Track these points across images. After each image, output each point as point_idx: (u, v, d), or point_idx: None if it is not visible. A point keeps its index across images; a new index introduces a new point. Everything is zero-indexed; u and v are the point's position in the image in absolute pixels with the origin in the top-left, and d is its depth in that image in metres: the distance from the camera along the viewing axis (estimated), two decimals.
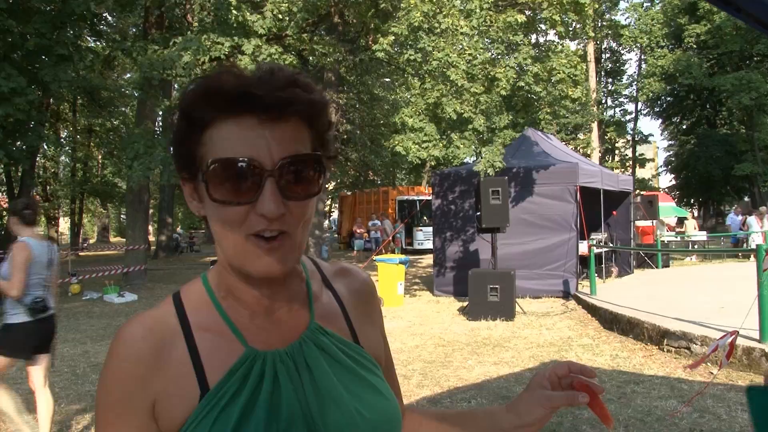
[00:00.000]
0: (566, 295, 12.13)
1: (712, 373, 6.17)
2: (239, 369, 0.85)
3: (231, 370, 0.85)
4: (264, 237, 0.80)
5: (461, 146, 12.71)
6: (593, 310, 10.04)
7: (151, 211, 27.49)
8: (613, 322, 8.88)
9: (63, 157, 36.95)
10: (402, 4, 12.80)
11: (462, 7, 12.56)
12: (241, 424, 0.81)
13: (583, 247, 12.54)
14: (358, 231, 24.48)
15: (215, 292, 0.92)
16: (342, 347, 0.94)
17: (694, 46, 37.94)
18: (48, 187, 34.99)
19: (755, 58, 36.77)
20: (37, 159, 27.57)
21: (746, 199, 39.19)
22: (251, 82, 0.80)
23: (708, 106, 41.18)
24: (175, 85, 18.94)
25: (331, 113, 0.90)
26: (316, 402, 0.86)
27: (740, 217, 22.30)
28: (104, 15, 20.42)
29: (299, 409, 0.85)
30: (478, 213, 11.06)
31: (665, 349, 7.25)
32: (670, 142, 47.02)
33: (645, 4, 41.87)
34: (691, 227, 22.74)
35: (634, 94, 42.55)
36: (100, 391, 0.86)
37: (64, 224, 44.92)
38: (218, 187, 0.81)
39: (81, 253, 29.25)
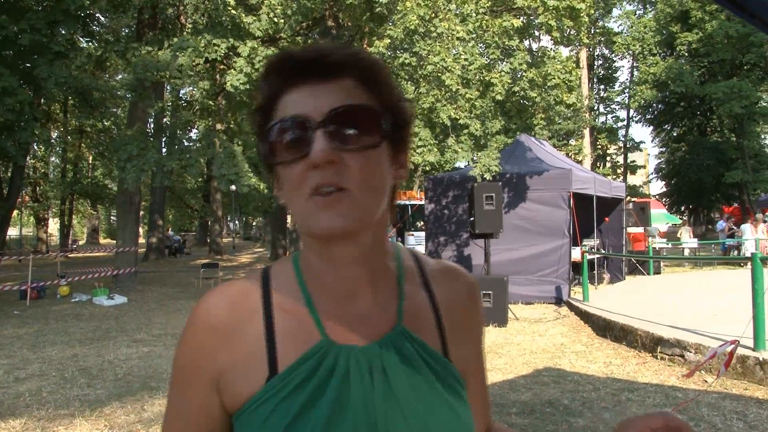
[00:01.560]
0: (559, 301, 12.12)
1: (706, 381, 6.15)
2: (311, 358, 0.83)
3: (303, 356, 0.83)
4: (322, 194, 0.78)
5: (460, 150, 12.70)
6: (586, 317, 10.02)
7: (141, 212, 27.36)
8: (606, 328, 8.86)
9: (53, 158, 36.74)
10: (398, 8, 12.79)
11: (458, 11, 12.56)
12: (302, 414, 0.80)
13: (576, 254, 12.54)
14: None
15: (303, 273, 0.91)
16: (426, 357, 0.89)
17: (686, 54, 38.19)
18: (38, 188, 34.80)
19: (745, 67, 37.04)
20: (28, 159, 27.41)
21: (736, 206, 39.43)
22: (298, 51, 0.83)
23: (699, 114, 41.44)
24: (168, 87, 18.84)
25: (390, 75, 0.88)
26: (385, 410, 0.82)
27: (726, 224, 22.51)
28: (97, 15, 20.30)
29: (364, 413, 0.81)
30: (472, 218, 11.04)
31: (659, 357, 7.23)
32: (661, 149, 47.25)
33: (638, 12, 42.19)
34: (686, 234, 22.86)
35: (626, 101, 42.77)
36: (175, 354, 0.89)
37: (54, 225, 44.63)
38: (274, 151, 0.82)
39: (70, 255, 29.04)
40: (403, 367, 0.86)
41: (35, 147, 26.40)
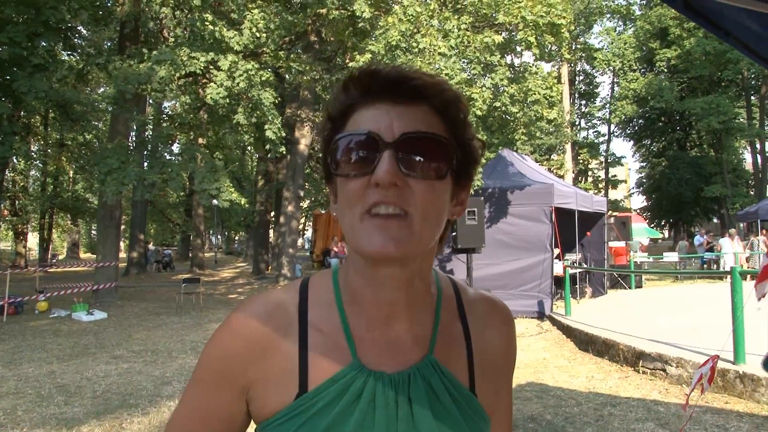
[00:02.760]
0: (541, 315, 12.13)
1: (687, 394, 6.16)
2: (340, 380, 0.84)
3: (333, 378, 0.84)
4: (380, 214, 0.77)
5: None
6: (568, 331, 10.04)
7: (122, 227, 27.11)
8: (588, 343, 8.88)
9: (33, 171, 36.33)
10: (380, 23, 12.85)
11: (440, 27, 12.63)
12: None
13: (558, 268, 12.58)
14: (335, 249, 24.38)
15: (342, 292, 0.91)
16: (452, 391, 0.89)
17: (665, 70, 38.75)
18: (17, 201, 34.35)
19: (723, 83, 37.66)
20: (6, 172, 27.09)
21: (715, 220, 39.90)
22: (383, 69, 0.82)
23: (678, 129, 41.98)
24: (150, 100, 18.76)
25: (467, 110, 0.87)
26: None
27: (704, 239, 22.80)
28: (78, 28, 20.20)
29: None
30: (454, 233, 11.04)
31: (641, 371, 7.25)
32: (641, 164, 47.79)
33: (618, 29, 42.75)
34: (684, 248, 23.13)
35: (607, 116, 43.22)
36: (205, 353, 0.89)
37: (33, 239, 44.08)
38: (338, 163, 0.81)
39: (50, 270, 28.65)
40: (427, 399, 0.86)
41: (15, 160, 26.12)
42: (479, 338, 0.95)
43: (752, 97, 37.96)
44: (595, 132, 46.24)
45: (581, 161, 43.40)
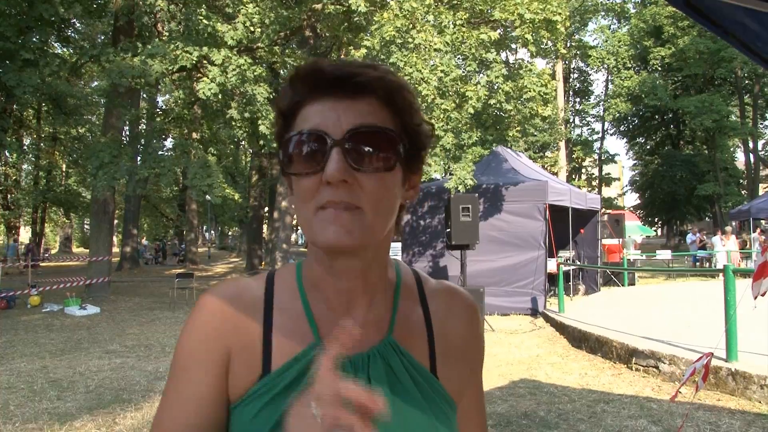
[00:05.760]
0: (534, 312, 12.16)
1: (680, 392, 6.19)
2: (303, 358, 0.86)
3: (296, 357, 0.86)
4: (333, 208, 0.79)
5: (432, 163, 12.73)
6: (562, 328, 10.06)
7: (116, 221, 27.00)
8: (581, 340, 8.91)
9: (25, 165, 36.17)
10: (375, 18, 12.82)
11: (435, 23, 12.61)
12: (286, 416, 0.80)
13: (552, 265, 12.60)
14: None
15: (304, 280, 0.93)
16: (413, 372, 0.90)
17: (659, 68, 38.83)
18: (9, 195, 34.18)
19: (716, 82, 37.78)
20: None
21: (707, 219, 40.05)
22: (327, 67, 0.82)
23: (672, 127, 42.09)
24: (144, 95, 18.67)
25: (415, 98, 0.88)
26: None
27: (696, 237, 22.90)
28: (72, 21, 20.07)
29: None
30: (448, 230, 11.05)
31: (634, 368, 7.28)
32: (635, 162, 47.91)
33: (612, 26, 42.81)
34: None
35: (601, 114, 43.30)
36: (183, 342, 0.89)
37: (25, 234, 43.88)
38: (291, 160, 0.83)
39: (42, 264, 28.55)
40: (387, 379, 0.87)
41: (6, 154, 25.99)
42: (441, 326, 0.96)
43: (745, 96, 38.11)
44: (589, 129, 46.44)
45: (575, 159, 43.47)
